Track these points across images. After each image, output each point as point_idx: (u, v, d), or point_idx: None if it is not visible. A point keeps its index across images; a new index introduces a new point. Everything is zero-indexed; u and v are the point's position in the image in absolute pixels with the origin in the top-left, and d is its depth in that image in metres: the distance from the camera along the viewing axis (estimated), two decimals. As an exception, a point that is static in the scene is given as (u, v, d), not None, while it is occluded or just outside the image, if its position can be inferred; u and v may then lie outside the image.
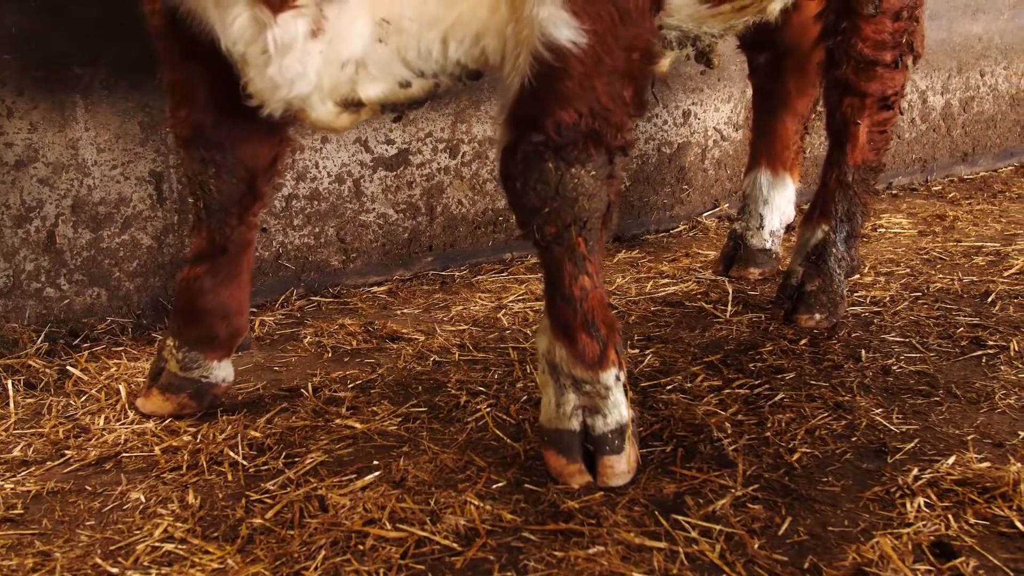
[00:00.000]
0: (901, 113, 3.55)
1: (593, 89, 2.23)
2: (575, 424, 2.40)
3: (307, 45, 2.22)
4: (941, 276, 3.91)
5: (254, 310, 3.48)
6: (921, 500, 2.26)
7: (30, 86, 3.07)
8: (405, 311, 3.65)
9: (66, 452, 2.58)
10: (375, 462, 2.48)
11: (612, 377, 2.38)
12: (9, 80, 3.10)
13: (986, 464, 2.42)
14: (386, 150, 3.91)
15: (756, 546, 2.11)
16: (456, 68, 2.42)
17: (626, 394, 2.42)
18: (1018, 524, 2.17)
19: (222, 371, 2.84)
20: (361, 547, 2.11)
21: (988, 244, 4.36)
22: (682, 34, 2.94)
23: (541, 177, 2.26)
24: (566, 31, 2.18)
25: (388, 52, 2.32)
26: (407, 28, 2.28)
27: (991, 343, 3.20)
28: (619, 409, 2.39)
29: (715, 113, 4.79)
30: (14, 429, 2.70)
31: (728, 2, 2.82)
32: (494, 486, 2.37)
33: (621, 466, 2.37)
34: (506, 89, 2.31)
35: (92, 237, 3.34)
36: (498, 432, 2.64)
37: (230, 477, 2.45)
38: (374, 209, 3.92)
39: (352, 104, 2.43)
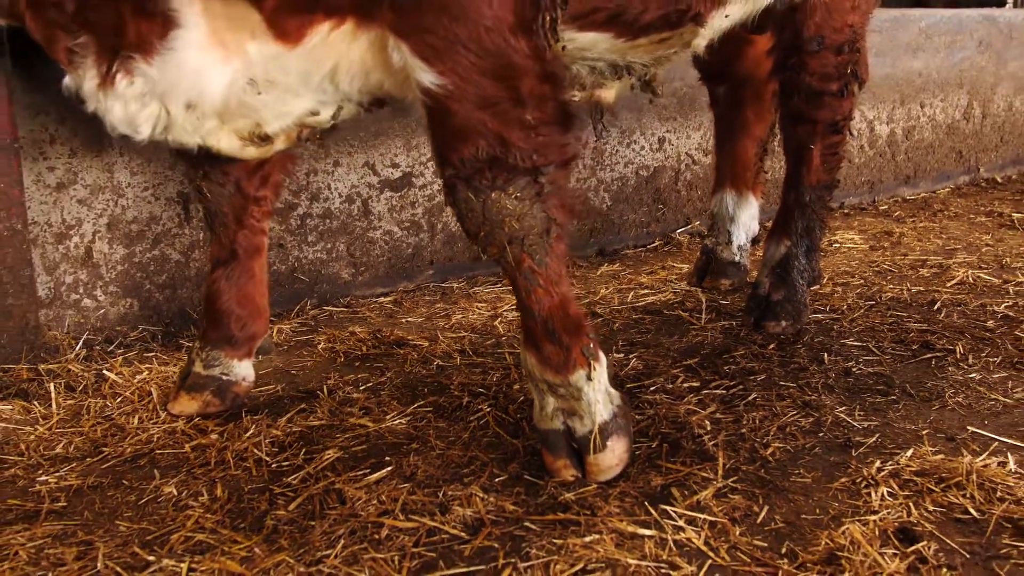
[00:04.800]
0: (852, 135, 3.54)
1: (482, 122, 2.13)
2: (558, 424, 2.35)
3: (104, 96, 2.23)
4: (891, 286, 3.90)
5: (272, 319, 3.43)
6: (884, 490, 2.24)
7: (71, 116, 3.03)
8: (409, 319, 3.62)
9: (104, 449, 2.54)
10: (387, 458, 2.45)
11: (582, 378, 2.30)
12: (52, 110, 3.06)
13: (941, 456, 2.40)
14: (392, 173, 3.88)
15: (737, 533, 2.08)
16: (359, 96, 2.40)
17: (607, 390, 2.35)
18: (972, 511, 2.16)
19: (242, 370, 2.82)
20: (377, 536, 2.08)
21: (932, 258, 4.37)
22: (610, 64, 2.85)
23: (466, 205, 2.20)
24: (426, 76, 2.11)
25: (273, 98, 2.29)
26: (281, 82, 2.25)
27: (939, 347, 3.19)
28: (595, 409, 2.31)
29: (687, 140, 4.79)
30: (56, 428, 2.66)
31: (644, 37, 2.71)
32: (497, 480, 2.33)
33: (606, 462, 2.31)
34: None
35: (125, 252, 3.30)
36: (499, 430, 2.61)
37: (255, 472, 2.41)
38: (381, 227, 3.89)
39: (259, 138, 2.44)
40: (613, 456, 2.31)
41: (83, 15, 2.12)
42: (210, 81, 2.20)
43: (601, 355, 2.36)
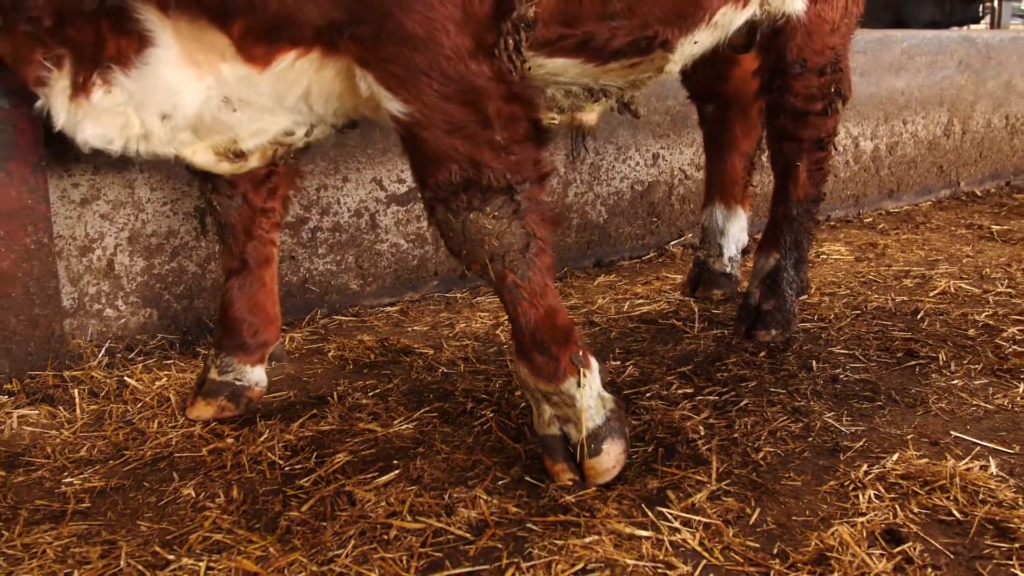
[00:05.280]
0: (837, 151, 3.53)
1: (452, 146, 2.10)
2: (555, 430, 2.33)
3: (77, 109, 2.19)
4: (877, 296, 3.90)
5: (284, 328, 3.43)
6: (871, 492, 2.23)
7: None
8: (415, 328, 3.62)
9: (125, 453, 2.54)
10: (395, 461, 2.44)
11: (573, 386, 2.27)
12: (74, 129, 3.06)
13: (925, 460, 2.39)
14: (398, 188, 3.88)
15: (731, 534, 2.08)
16: (333, 118, 2.39)
17: (599, 396, 2.32)
18: (955, 513, 2.15)
19: (255, 375, 2.82)
20: (386, 537, 2.08)
21: (915, 268, 4.37)
22: (585, 88, 2.84)
23: (447, 226, 2.19)
24: (393, 104, 2.10)
25: (248, 116, 2.29)
26: (255, 102, 2.24)
27: (923, 354, 3.19)
28: (588, 415, 2.29)
29: (680, 155, 4.79)
30: (80, 432, 2.66)
31: (614, 62, 2.69)
32: (500, 482, 2.33)
33: (602, 466, 2.29)
34: None
35: (145, 264, 3.30)
36: (501, 435, 2.60)
37: (268, 475, 2.41)
38: (387, 239, 3.89)
39: (233, 154, 2.43)
40: (609, 459, 2.30)
41: (61, 30, 2.10)
42: (184, 96, 2.19)
43: (593, 361, 2.33)
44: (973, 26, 13.15)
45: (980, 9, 13.04)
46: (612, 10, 2.49)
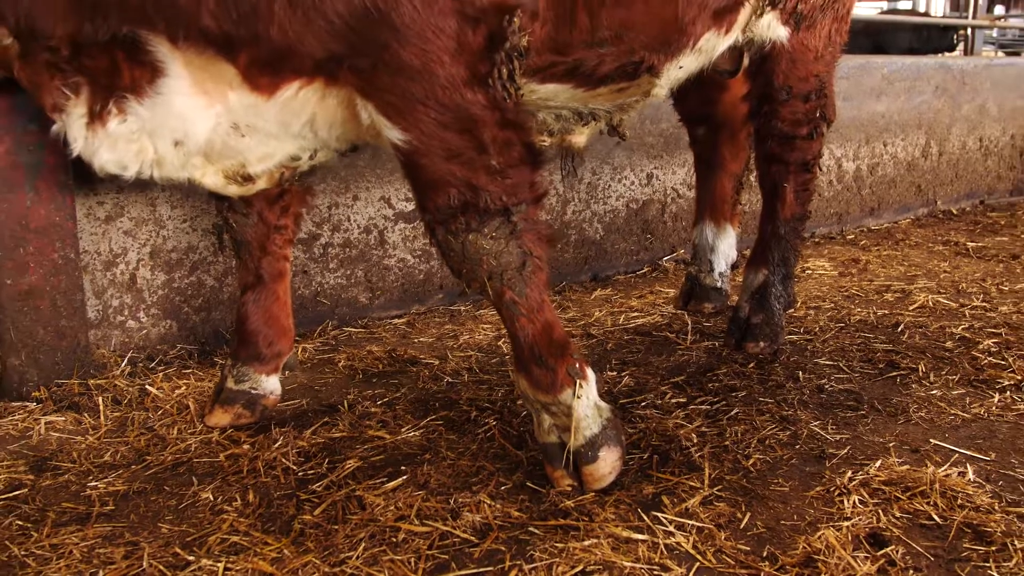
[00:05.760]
0: (821, 171, 3.55)
1: (450, 172, 2.10)
2: (554, 438, 2.34)
3: (93, 135, 2.19)
4: (859, 310, 3.91)
5: (297, 339, 3.44)
6: (856, 498, 2.24)
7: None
8: (421, 339, 3.62)
9: (147, 458, 2.55)
10: (403, 467, 2.45)
11: (569, 396, 2.27)
12: (100, 150, 3.07)
13: (906, 467, 2.40)
14: (405, 206, 3.89)
15: (723, 537, 2.08)
16: (336, 143, 2.39)
17: (596, 405, 2.33)
18: (935, 517, 2.16)
19: (270, 384, 2.83)
20: (394, 539, 2.09)
21: (895, 283, 4.38)
22: (574, 112, 2.85)
23: (447, 247, 2.20)
24: (392, 132, 2.10)
25: (256, 141, 2.29)
26: (261, 128, 2.25)
27: (903, 365, 3.20)
28: (585, 423, 2.29)
29: (673, 175, 4.81)
30: (104, 438, 2.67)
31: (603, 87, 2.70)
32: (503, 488, 2.34)
33: (599, 472, 2.29)
34: None
35: (166, 278, 3.31)
36: (504, 442, 2.61)
37: (283, 480, 2.41)
38: (395, 255, 3.90)
39: (242, 177, 2.43)
40: (606, 465, 2.30)
41: (78, 59, 2.11)
42: (195, 123, 2.19)
43: (589, 372, 2.34)
44: (948, 53, 13.22)
45: (954, 38, 13.15)
46: (600, 38, 2.50)
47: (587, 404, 2.30)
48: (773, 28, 3.10)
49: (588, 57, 2.53)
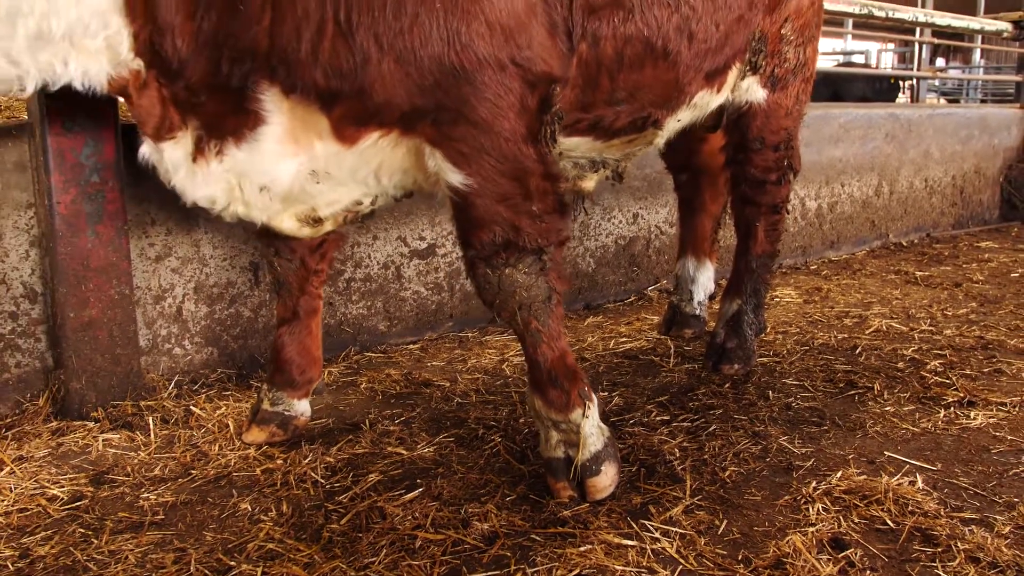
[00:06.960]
0: (788, 213, 3.59)
1: (499, 213, 2.16)
2: (560, 453, 2.35)
3: (193, 168, 2.18)
4: (822, 334, 3.93)
5: (323, 363, 3.44)
6: (819, 505, 2.26)
7: (168, 202, 3.07)
8: (434, 363, 3.64)
9: (192, 472, 2.56)
10: (419, 480, 2.46)
11: (579, 415, 2.31)
12: (153, 198, 3.11)
13: (864, 477, 2.42)
14: (419, 244, 3.92)
15: (703, 543, 2.09)
16: (394, 190, 2.41)
17: (599, 425, 2.36)
18: (889, 522, 2.18)
19: (301, 407, 2.83)
20: (412, 546, 2.09)
21: (853, 309, 4.40)
22: (590, 160, 2.90)
23: (484, 280, 2.23)
24: (455, 176, 2.14)
25: (327, 187, 2.30)
26: (335, 175, 2.26)
27: (861, 384, 3.21)
28: (591, 440, 2.32)
29: (656, 215, 4.84)
30: (154, 454, 2.68)
31: (616, 139, 2.77)
32: (507, 499, 2.34)
33: (601, 484, 2.31)
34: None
35: (208, 310, 3.33)
36: (508, 457, 2.62)
37: (312, 492, 2.42)
38: (410, 288, 3.92)
39: (312, 220, 2.44)
40: (607, 478, 2.32)
41: (198, 97, 2.10)
42: (282, 169, 2.20)
43: (594, 396, 2.38)
44: (897, 99, 13.36)
45: (900, 91, 13.42)
46: (618, 97, 2.57)
47: (593, 423, 2.34)
48: (752, 90, 3.16)
49: (607, 114, 2.60)
